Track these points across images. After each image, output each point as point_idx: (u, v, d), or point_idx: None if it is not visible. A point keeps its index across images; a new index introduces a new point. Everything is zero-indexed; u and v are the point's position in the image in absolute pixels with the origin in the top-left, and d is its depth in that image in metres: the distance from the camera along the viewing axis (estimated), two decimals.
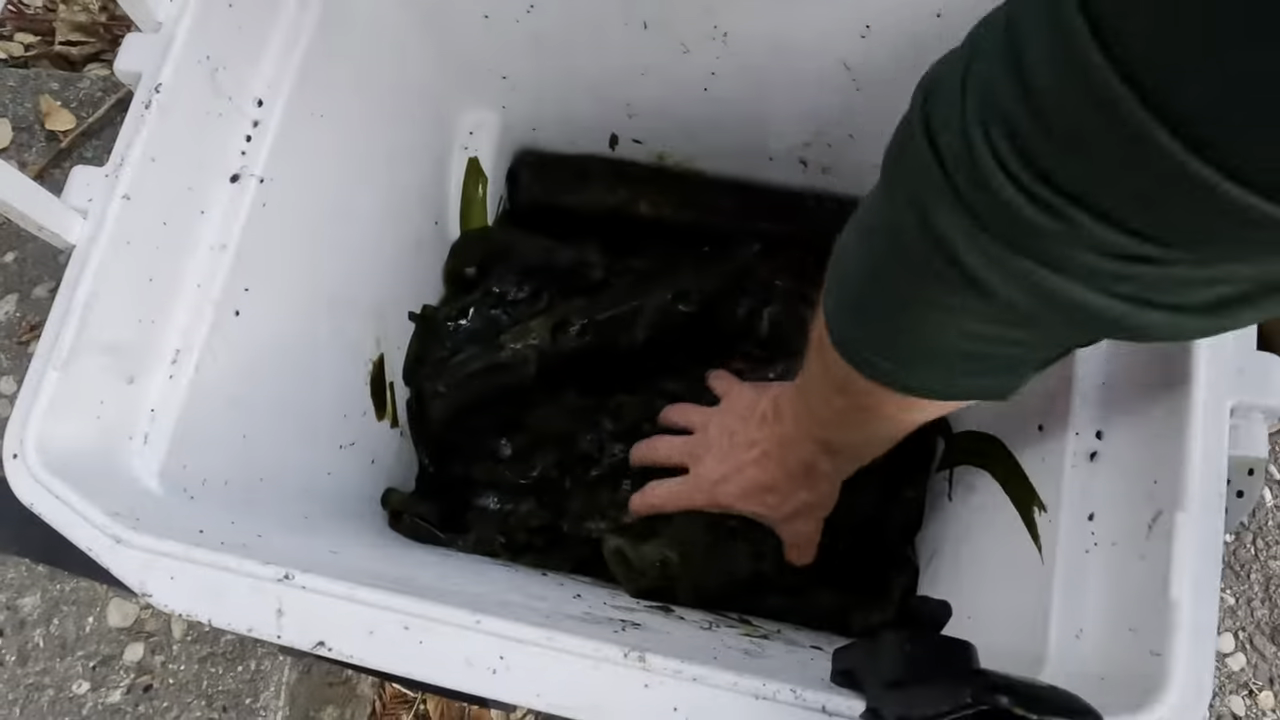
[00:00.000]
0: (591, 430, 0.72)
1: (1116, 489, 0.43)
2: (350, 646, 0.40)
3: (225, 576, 0.42)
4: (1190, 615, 0.37)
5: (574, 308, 0.72)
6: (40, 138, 0.91)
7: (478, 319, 0.77)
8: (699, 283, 0.73)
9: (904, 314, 0.35)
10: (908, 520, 0.66)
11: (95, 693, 0.72)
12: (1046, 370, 0.37)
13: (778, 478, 0.55)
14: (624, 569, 0.63)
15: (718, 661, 0.39)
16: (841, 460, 0.53)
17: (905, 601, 0.63)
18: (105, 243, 0.47)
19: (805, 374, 0.48)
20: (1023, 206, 0.25)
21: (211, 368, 0.52)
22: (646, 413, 0.70)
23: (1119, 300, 0.27)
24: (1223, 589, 0.87)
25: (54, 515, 0.43)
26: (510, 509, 0.72)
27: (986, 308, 0.30)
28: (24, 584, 0.75)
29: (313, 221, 0.60)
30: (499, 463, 0.73)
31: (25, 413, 0.45)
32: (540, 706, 0.39)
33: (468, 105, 0.78)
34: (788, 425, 0.53)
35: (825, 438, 0.51)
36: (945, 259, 0.29)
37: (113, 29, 1.03)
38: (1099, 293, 0.27)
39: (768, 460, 0.55)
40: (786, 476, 0.55)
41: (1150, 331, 0.28)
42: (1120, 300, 0.27)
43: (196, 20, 0.51)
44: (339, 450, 0.66)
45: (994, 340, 0.33)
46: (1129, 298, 0.27)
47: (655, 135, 0.77)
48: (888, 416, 0.44)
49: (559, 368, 0.72)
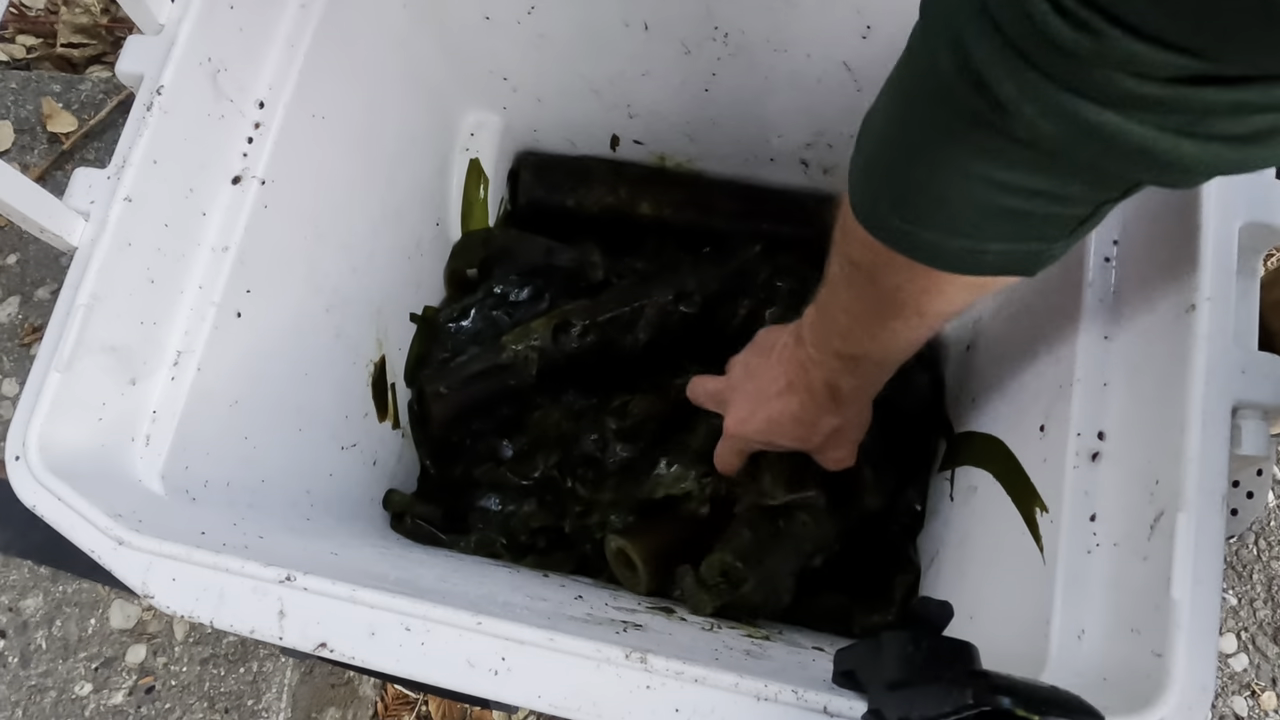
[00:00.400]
0: (594, 430, 0.72)
1: (1118, 489, 0.43)
2: (352, 648, 0.40)
3: (227, 578, 0.42)
4: (1192, 616, 0.37)
5: (575, 309, 0.72)
6: (42, 140, 0.91)
7: (479, 320, 0.77)
8: (700, 284, 0.73)
9: (935, 166, 0.34)
10: (909, 521, 0.66)
11: (97, 694, 0.72)
12: (1074, 242, 0.37)
13: (804, 405, 0.54)
14: (626, 570, 0.63)
15: (719, 662, 0.39)
16: (864, 375, 0.51)
17: (907, 602, 0.63)
18: (107, 244, 0.47)
19: (825, 284, 0.47)
20: (1062, 30, 0.25)
21: (213, 369, 0.52)
22: (650, 411, 0.70)
23: (1156, 129, 0.27)
24: (1225, 589, 0.87)
25: (56, 517, 0.43)
26: (512, 510, 0.72)
27: (1021, 150, 0.30)
28: (27, 586, 0.75)
29: (314, 223, 0.60)
30: (500, 464, 0.73)
31: (27, 414, 0.45)
32: (542, 708, 0.39)
33: (469, 106, 0.78)
34: (808, 348, 0.52)
35: (846, 350, 0.49)
36: (983, 95, 0.29)
37: (114, 31, 1.03)
38: (1137, 122, 0.27)
39: (791, 391, 0.54)
40: (812, 403, 0.54)
41: (1185, 163, 0.28)
42: (1157, 130, 0.27)
43: (198, 22, 0.51)
44: (340, 451, 0.66)
45: (1026, 192, 0.33)
46: (1166, 128, 0.27)
47: (656, 136, 0.77)
48: (909, 309, 0.43)
49: (560, 369, 0.72)
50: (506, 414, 0.74)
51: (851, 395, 0.53)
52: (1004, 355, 0.59)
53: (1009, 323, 0.60)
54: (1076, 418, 0.45)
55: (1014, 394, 0.55)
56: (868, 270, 0.41)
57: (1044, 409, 0.49)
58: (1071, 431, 0.45)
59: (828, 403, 0.53)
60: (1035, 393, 0.51)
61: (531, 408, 0.73)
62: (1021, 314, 0.58)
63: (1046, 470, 0.48)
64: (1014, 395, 0.55)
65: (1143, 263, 0.46)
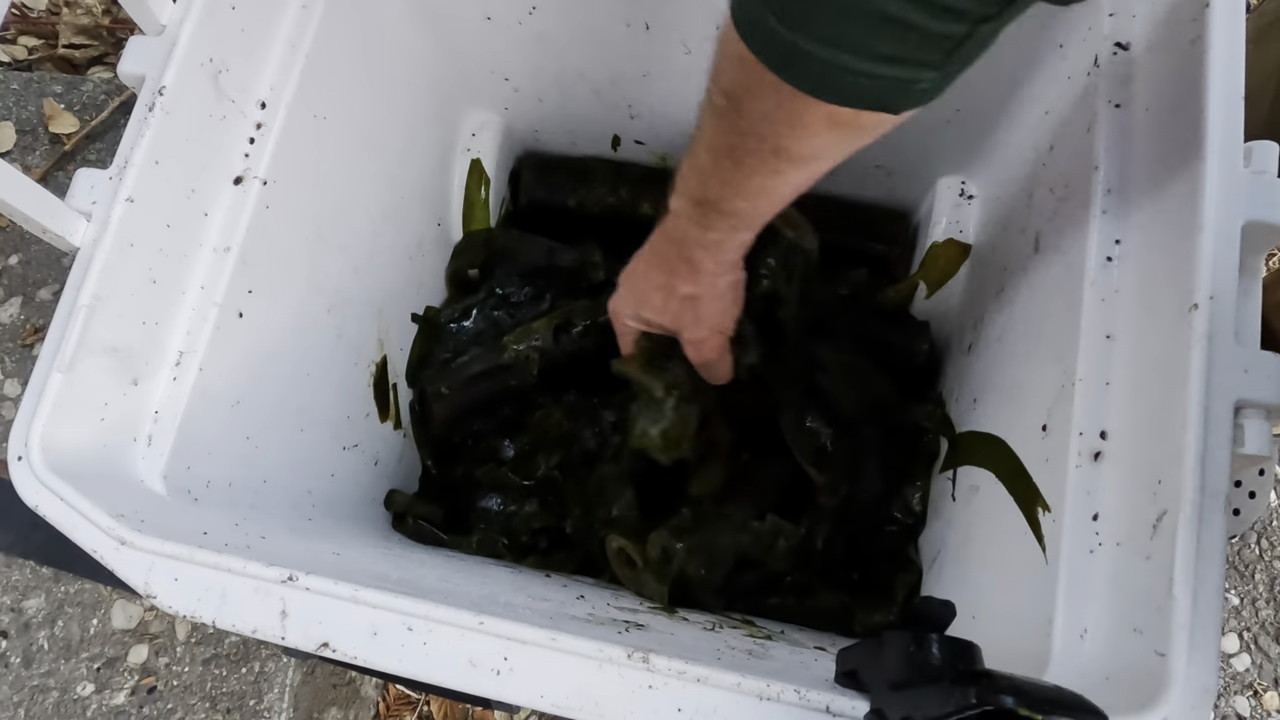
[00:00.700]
0: (594, 428, 0.72)
1: (1121, 489, 0.43)
2: (354, 647, 0.40)
3: (229, 578, 0.42)
4: (1194, 615, 0.37)
5: (577, 308, 0.72)
6: (44, 141, 0.91)
7: (480, 320, 0.77)
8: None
9: None
10: (911, 521, 0.66)
11: (100, 695, 0.72)
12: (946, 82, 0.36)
13: (660, 269, 0.55)
14: (627, 570, 0.63)
15: (721, 662, 0.39)
16: (719, 230, 0.51)
17: (909, 602, 0.63)
18: (109, 245, 0.47)
19: (698, 124, 0.46)
20: None
21: (215, 370, 0.52)
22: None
23: None
24: (1227, 589, 0.86)
25: (58, 517, 0.43)
26: (513, 510, 0.72)
27: None
28: (29, 586, 0.75)
29: (315, 223, 0.60)
30: (501, 464, 0.73)
31: (30, 415, 0.45)
32: (544, 707, 0.39)
33: (470, 107, 0.78)
34: (670, 208, 0.52)
35: (702, 194, 0.49)
36: None
37: (115, 32, 1.04)
38: None
39: (652, 257, 0.55)
40: (667, 267, 0.54)
41: None
42: None
43: (200, 23, 0.51)
44: (342, 452, 0.66)
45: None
46: None
47: (657, 136, 0.77)
48: (768, 147, 0.42)
49: (562, 368, 0.72)
50: (508, 414, 0.74)
51: (707, 260, 0.53)
52: (1005, 355, 0.59)
53: (1010, 322, 0.60)
54: (1079, 417, 0.45)
55: (1015, 394, 0.55)
56: (736, 99, 0.41)
57: (1046, 408, 0.49)
58: (1074, 431, 0.45)
59: (681, 267, 0.53)
60: (1037, 392, 0.51)
61: (533, 408, 0.73)
62: (1022, 314, 0.58)
63: (1049, 470, 0.47)
64: (1015, 395, 0.55)
65: (1145, 262, 0.46)
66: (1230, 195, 0.42)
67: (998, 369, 0.60)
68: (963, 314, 0.70)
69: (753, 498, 0.65)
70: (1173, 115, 0.46)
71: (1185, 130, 0.44)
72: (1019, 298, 0.59)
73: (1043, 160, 0.59)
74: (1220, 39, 0.44)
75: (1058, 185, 0.55)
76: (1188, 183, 0.43)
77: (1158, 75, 0.48)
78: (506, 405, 0.73)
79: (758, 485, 0.66)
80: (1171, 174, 0.45)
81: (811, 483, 0.65)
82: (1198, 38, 0.45)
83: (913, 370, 0.72)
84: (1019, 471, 0.51)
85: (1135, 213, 0.47)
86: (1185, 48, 0.46)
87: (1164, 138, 0.47)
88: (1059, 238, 0.53)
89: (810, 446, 0.65)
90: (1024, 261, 0.58)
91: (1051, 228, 0.55)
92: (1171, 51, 0.47)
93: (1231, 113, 0.43)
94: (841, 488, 0.65)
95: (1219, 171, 0.42)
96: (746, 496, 0.65)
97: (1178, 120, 0.46)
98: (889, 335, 0.73)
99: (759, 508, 0.64)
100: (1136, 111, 0.49)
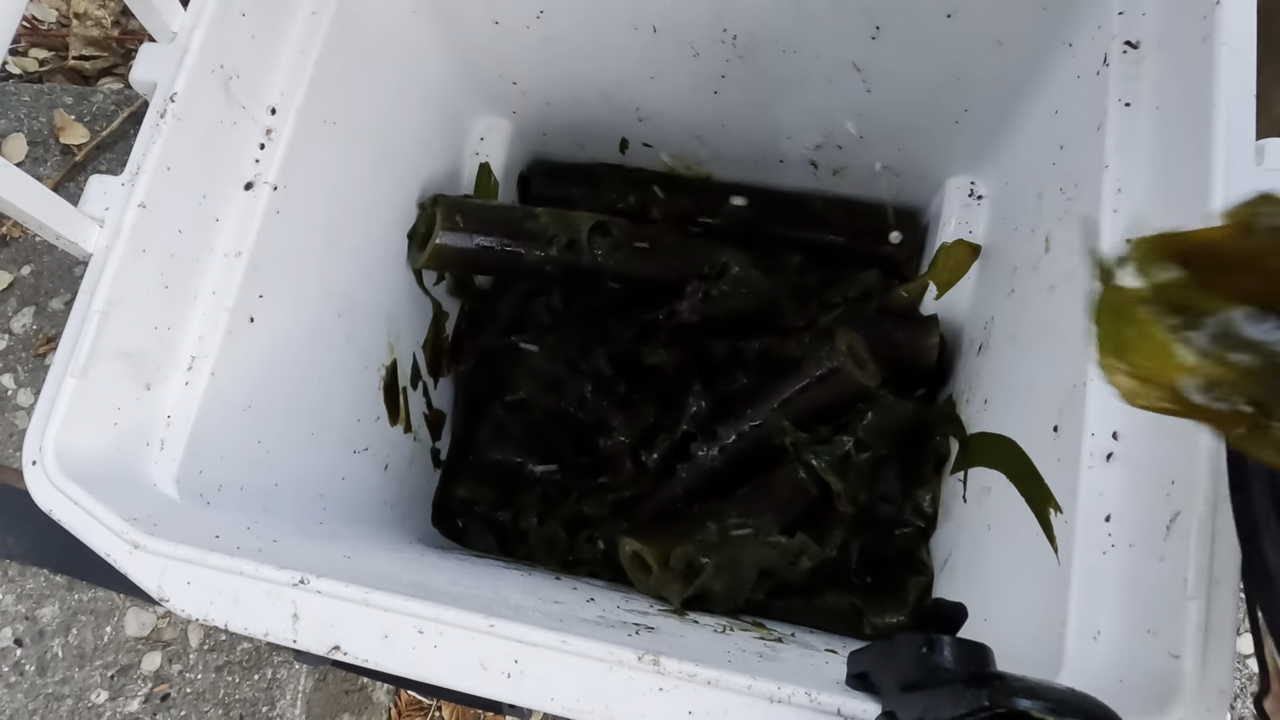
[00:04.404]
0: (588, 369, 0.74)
1: (1134, 490, 0.43)
2: (365, 650, 0.40)
3: (242, 581, 0.42)
4: (1209, 617, 0.37)
5: (621, 223, 0.72)
6: (54, 151, 0.91)
7: None
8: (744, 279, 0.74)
9: None
10: (922, 523, 0.66)
11: (113, 702, 0.73)
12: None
13: None
14: (641, 573, 0.63)
15: (732, 665, 0.39)
16: None
17: (920, 604, 0.63)
18: (121, 250, 0.47)
19: None
20: None
21: (226, 374, 0.53)
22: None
23: None
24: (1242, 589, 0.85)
25: (72, 521, 0.43)
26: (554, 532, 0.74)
27: None
28: (43, 594, 0.76)
29: (326, 228, 0.61)
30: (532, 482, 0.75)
31: (44, 420, 0.45)
32: (555, 710, 0.39)
33: (478, 111, 0.79)
34: None
35: None
36: None
37: (125, 43, 1.04)
38: None
39: None
40: None
41: None
42: None
43: (210, 30, 0.51)
44: (353, 456, 0.66)
45: None
46: None
47: (665, 139, 0.77)
48: None
49: (578, 275, 0.72)
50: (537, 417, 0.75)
51: None
52: (1016, 356, 0.59)
53: (1021, 323, 0.59)
54: (1090, 418, 0.45)
55: (1027, 394, 0.55)
56: None
57: (1057, 409, 0.49)
58: (1086, 432, 0.45)
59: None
60: (1048, 393, 0.51)
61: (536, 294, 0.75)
62: (1033, 314, 0.57)
63: (1060, 471, 0.47)
64: (1027, 396, 0.55)
65: None
66: (1237, 194, 0.42)
67: (1009, 370, 0.60)
68: (973, 315, 0.70)
69: (774, 509, 0.65)
70: (1183, 114, 0.46)
71: (1196, 129, 0.44)
72: (1029, 298, 0.58)
73: (1052, 160, 0.58)
74: (1231, 37, 0.44)
75: (1068, 185, 0.54)
76: (1199, 181, 0.43)
77: (1168, 74, 0.48)
78: (514, 276, 0.74)
79: (779, 496, 0.66)
80: (1182, 173, 0.45)
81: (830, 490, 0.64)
82: (1208, 36, 0.45)
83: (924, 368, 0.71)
84: (1031, 472, 0.51)
85: (1142, 208, 0.47)
86: (1196, 46, 0.46)
87: (1175, 137, 0.47)
88: (1069, 237, 0.53)
89: (831, 454, 0.65)
90: (1034, 261, 0.58)
91: (1061, 227, 0.54)
92: (1182, 50, 0.47)
93: (1242, 111, 0.43)
94: (860, 496, 0.65)
95: (1230, 170, 0.42)
96: (768, 508, 0.64)
97: (1188, 119, 0.45)
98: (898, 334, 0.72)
99: (781, 519, 0.64)
100: (1147, 110, 0.48)
